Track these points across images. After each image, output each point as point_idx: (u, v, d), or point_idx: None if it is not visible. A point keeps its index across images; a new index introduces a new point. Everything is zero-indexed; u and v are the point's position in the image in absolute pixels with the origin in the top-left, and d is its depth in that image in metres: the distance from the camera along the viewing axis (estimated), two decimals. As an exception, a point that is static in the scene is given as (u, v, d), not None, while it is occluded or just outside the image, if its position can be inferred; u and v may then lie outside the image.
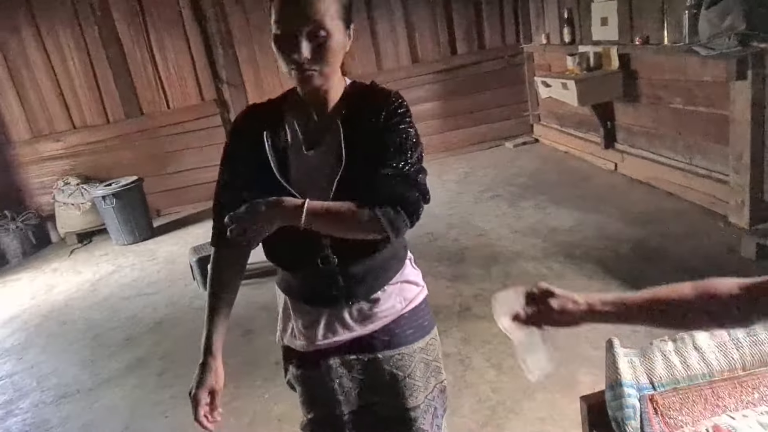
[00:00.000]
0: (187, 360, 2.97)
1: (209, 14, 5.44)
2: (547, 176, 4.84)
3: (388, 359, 1.29)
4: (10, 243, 5.18)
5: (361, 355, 1.28)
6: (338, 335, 1.26)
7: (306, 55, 1.09)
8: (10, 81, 5.31)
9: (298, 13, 1.09)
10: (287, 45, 1.10)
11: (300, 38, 1.09)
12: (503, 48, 5.83)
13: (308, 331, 1.26)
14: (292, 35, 1.09)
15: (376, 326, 1.28)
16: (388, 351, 1.29)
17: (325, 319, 1.25)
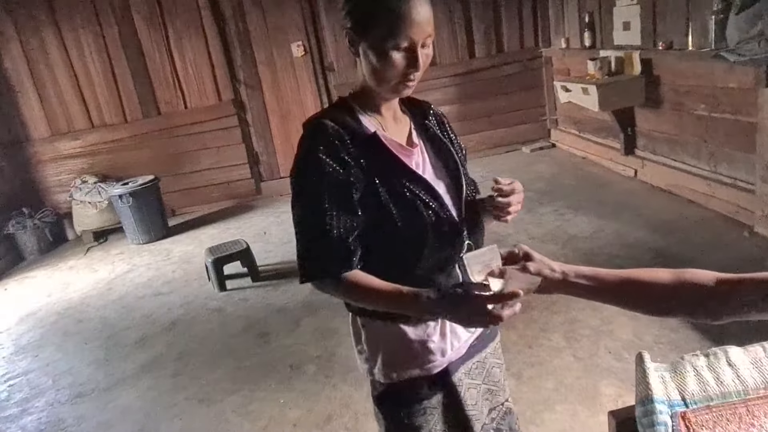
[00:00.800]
0: (202, 362, 2.97)
1: (228, 15, 5.46)
2: (565, 182, 4.78)
3: (493, 351, 1.32)
4: (27, 240, 5.21)
5: (477, 356, 1.26)
6: (462, 339, 1.22)
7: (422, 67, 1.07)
8: (30, 79, 5.36)
9: (423, 25, 1.04)
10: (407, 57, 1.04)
11: (418, 50, 1.05)
12: (521, 52, 5.78)
13: (436, 345, 1.18)
14: (413, 46, 1.04)
15: None
16: (492, 342, 1.32)
17: (448, 326, 1.19)
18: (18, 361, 3.34)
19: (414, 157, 1.16)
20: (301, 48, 5.58)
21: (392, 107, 1.18)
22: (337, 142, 1.06)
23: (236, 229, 5.06)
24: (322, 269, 1.08)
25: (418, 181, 1.11)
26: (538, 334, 2.68)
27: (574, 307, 2.84)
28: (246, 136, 5.76)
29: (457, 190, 1.18)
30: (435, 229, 1.10)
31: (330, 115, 1.12)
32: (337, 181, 1.06)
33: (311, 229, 1.08)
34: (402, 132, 1.19)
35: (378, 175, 1.09)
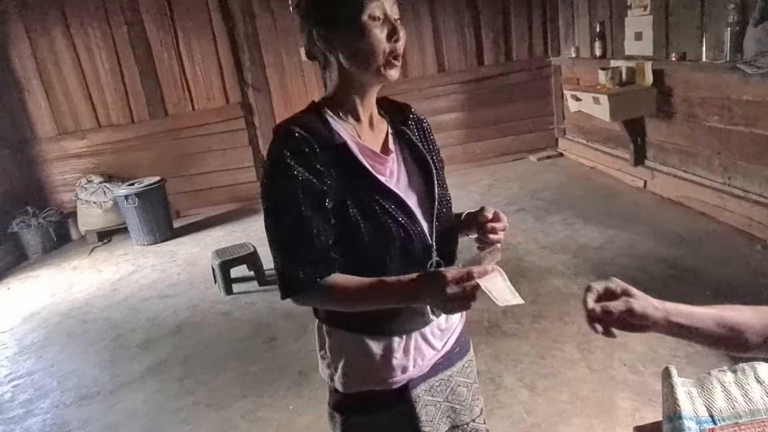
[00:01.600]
0: (209, 366, 2.94)
1: (237, 16, 5.45)
2: (574, 191, 4.76)
3: (461, 370, 1.27)
4: (31, 239, 5.18)
5: (441, 374, 1.22)
6: (426, 358, 1.18)
7: (403, 37, 1.06)
8: (38, 78, 5.35)
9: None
10: (386, 27, 1.04)
11: (398, 25, 1.05)
12: (530, 60, 5.77)
13: (398, 362, 1.14)
14: (387, 17, 1.04)
15: (452, 339, 1.24)
16: (460, 361, 1.27)
17: (413, 343, 1.15)
18: (22, 361, 3.30)
19: (388, 164, 1.12)
20: (310, 52, 5.56)
21: (369, 110, 1.13)
22: (305, 150, 1.03)
23: (241, 232, 5.04)
24: (309, 279, 1.03)
25: (388, 196, 1.07)
26: (550, 344, 2.65)
27: (586, 318, 2.80)
28: (253, 138, 5.74)
29: (430, 202, 1.15)
30: (403, 244, 1.07)
31: (299, 121, 1.07)
32: (310, 188, 1.02)
33: (292, 238, 1.03)
34: (378, 138, 1.15)
35: (347, 187, 1.05)
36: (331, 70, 1.10)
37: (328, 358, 1.19)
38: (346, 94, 1.10)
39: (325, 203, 1.03)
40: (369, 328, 1.12)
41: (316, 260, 1.03)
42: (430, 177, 1.16)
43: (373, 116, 1.16)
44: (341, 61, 1.06)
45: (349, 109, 1.11)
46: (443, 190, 1.19)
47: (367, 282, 1.03)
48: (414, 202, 1.12)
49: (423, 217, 1.12)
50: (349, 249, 1.06)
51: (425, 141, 1.23)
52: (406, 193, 1.12)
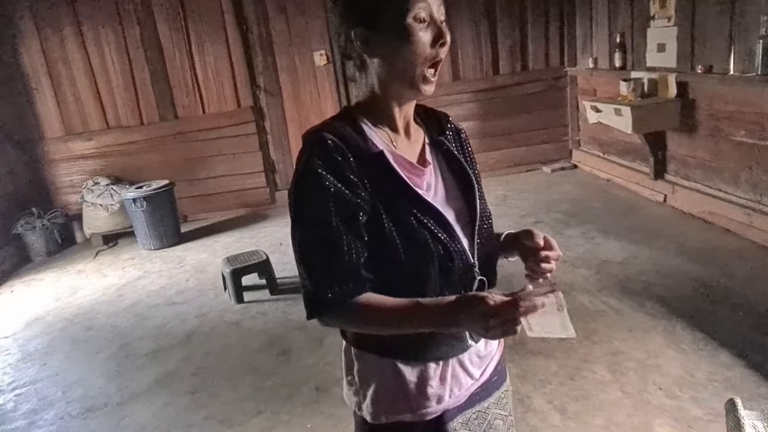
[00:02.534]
0: (221, 379, 2.83)
1: (251, 20, 5.38)
2: (591, 204, 4.66)
3: (497, 401, 1.17)
4: (36, 241, 5.08)
5: (478, 405, 1.12)
6: (463, 387, 1.08)
7: (448, 40, 0.98)
8: (47, 77, 5.27)
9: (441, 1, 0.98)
10: (431, 29, 0.96)
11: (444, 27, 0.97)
12: (547, 70, 5.70)
13: (434, 391, 1.05)
14: (433, 18, 0.97)
15: (491, 367, 1.14)
16: (496, 392, 1.17)
17: (450, 371, 1.06)
18: (25, 368, 3.19)
19: (425, 177, 1.04)
20: (323, 57, 5.49)
21: (406, 118, 1.06)
22: (339, 158, 0.95)
23: (250, 239, 4.93)
24: (337, 299, 0.94)
25: (426, 210, 1.00)
26: (579, 365, 2.54)
27: (615, 337, 2.70)
28: (263, 144, 5.65)
29: (470, 217, 1.06)
30: (443, 262, 0.98)
31: (331, 127, 0.99)
32: (342, 201, 0.94)
33: (321, 253, 0.95)
34: (414, 148, 1.07)
35: (383, 200, 0.97)
36: (367, 73, 1.02)
37: (356, 384, 1.09)
38: (381, 101, 1.02)
39: (358, 217, 0.95)
40: (402, 352, 1.03)
41: (347, 278, 0.94)
42: (470, 190, 1.08)
43: (410, 125, 1.08)
44: (378, 67, 0.99)
45: (385, 117, 1.04)
46: (484, 205, 1.10)
47: (402, 303, 0.94)
48: (453, 217, 1.04)
49: (463, 234, 1.04)
50: (384, 267, 0.98)
51: (463, 152, 1.15)
52: (445, 208, 1.04)
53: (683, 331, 2.68)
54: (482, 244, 1.06)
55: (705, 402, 2.19)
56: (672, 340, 2.62)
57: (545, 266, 1.04)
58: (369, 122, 1.03)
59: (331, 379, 2.66)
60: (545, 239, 1.06)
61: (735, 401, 1.40)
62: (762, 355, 2.41)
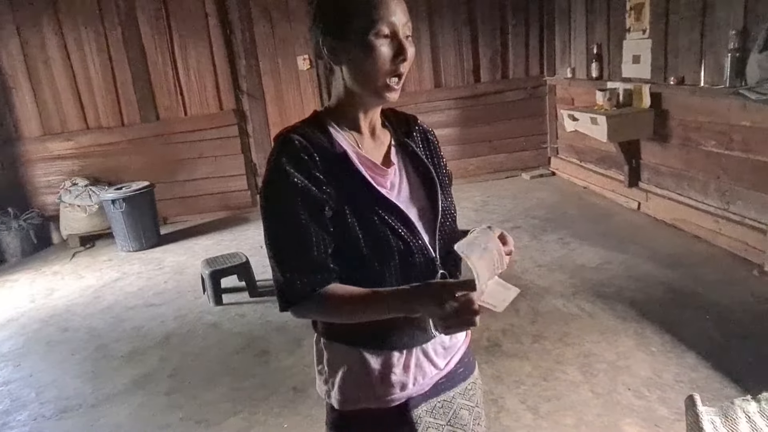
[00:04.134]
0: (198, 380, 2.83)
1: (235, 23, 5.39)
2: (568, 210, 4.76)
3: (463, 392, 1.21)
4: (11, 242, 5.01)
5: (443, 394, 1.16)
6: (427, 376, 1.12)
7: (410, 56, 1.03)
8: (26, 76, 5.21)
9: (400, 12, 1.01)
10: (393, 45, 1.01)
11: (401, 37, 1.02)
12: (526, 79, 5.81)
13: (397, 378, 1.09)
14: (396, 33, 1.01)
15: (456, 358, 1.19)
16: (463, 383, 1.21)
17: (414, 360, 1.10)
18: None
19: (389, 177, 1.10)
20: (307, 61, 5.53)
21: (372, 121, 1.11)
22: (304, 157, 1.01)
23: (231, 242, 4.93)
24: (306, 289, 1.00)
25: (388, 207, 1.05)
26: (552, 366, 2.60)
27: (588, 340, 2.77)
28: (245, 147, 5.66)
29: (433, 214, 1.12)
30: (403, 256, 1.04)
31: (299, 129, 1.06)
32: (309, 196, 1.00)
33: (290, 246, 1.01)
34: (379, 149, 1.13)
35: (346, 197, 1.03)
36: (335, 79, 1.08)
37: (325, 373, 1.15)
38: (347, 105, 1.08)
39: (323, 211, 1.01)
40: (368, 341, 1.08)
41: (314, 269, 1.01)
42: (433, 190, 1.14)
43: (376, 128, 1.14)
44: (344, 74, 1.05)
45: (351, 120, 1.10)
46: (447, 204, 1.15)
47: (364, 291, 1.01)
48: (415, 215, 1.09)
49: (425, 230, 1.09)
50: (348, 260, 1.04)
51: (430, 153, 1.20)
52: (407, 206, 1.09)
53: (652, 334, 2.75)
54: (444, 240, 1.11)
55: (672, 402, 2.26)
56: (641, 343, 2.70)
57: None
58: (336, 125, 1.09)
59: (308, 380, 2.68)
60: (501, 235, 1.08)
61: (694, 397, 1.46)
62: (726, 357, 2.49)
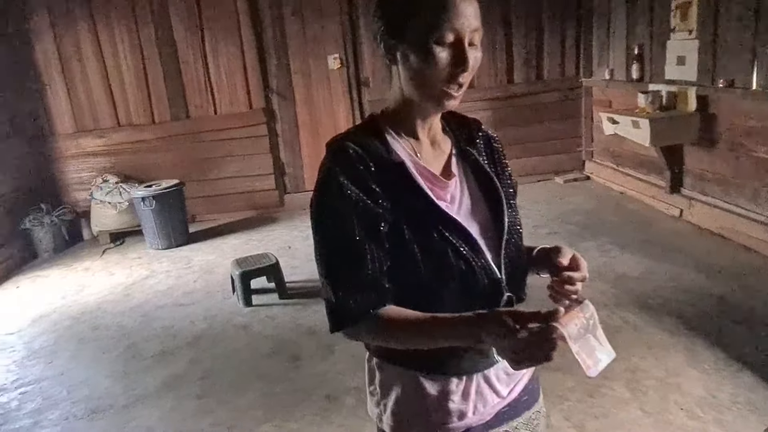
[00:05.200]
0: (229, 384, 2.77)
1: (266, 22, 5.36)
2: (605, 217, 4.60)
3: (527, 422, 1.12)
4: (43, 237, 5.04)
5: (505, 424, 1.07)
6: (488, 405, 1.04)
7: (471, 67, 0.92)
8: (60, 73, 5.25)
9: (470, 16, 0.91)
10: (454, 54, 0.91)
11: (465, 45, 0.91)
12: (561, 80, 5.65)
13: (455, 406, 1.01)
14: (460, 41, 0.91)
15: (520, 386, 1.09)
16: (527, 412, 1.11)
17: (474, 386, 1.01)
18: (30, 366, 3.14)
19: (449, 189, 1.01)
20: (337, 61, 5.46)
21: (432, 128, 1.03)
22: (360, 168, 0.94)
23: (259, 241, 4.89)
24: (360, 310, 0.92)
25: (448, 223, 0.96)
26: (598, 381, 2.47)
27: (634, 354, 2.64)
28: (274, 146, 5.62)
29: (497, 230, 1.02)
30: (465, 277, 0.95)
31: (354, 136, 0.98)
32: (364, 210, 0.92)
33: (342, 263, 0.93)
34: (439, 159, 1.04)
35: (404, 212, 0.95)
36: (393, 79, 1.00)
37: (377, 395, 1.07)
38: (405, 110, 1.00)
39: (379, 226, 0.93)
40: (424, 365, 1.00)
41: (368, 289, 0.93)
42: (497, 203, 1.04)
43: (436, 135, 1.05)
44: (401, 76, 0.96)
45: (409, 127, 1.01)
46: (513, 218, 1.06)
47: (423, 316, 0.92)
48: (477, 231, 1.00)
49: (488, 248, 1.00)
50: (404, 280, 0.95)
51: (494, 162, 1.11)
52: (469, 221, 1.00)
53: (704, 350, 2.61)
54: (510, 259, 1.02)
55: (729, 425, 2.13)
56: (692, 359, 2.56)
57: (568, 288, 0.99)
58: (393, 131, 1.01)
59: (342, 388, 2.60)
60: (573, 258, 1.02)
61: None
62: (787, 377, 2.34)
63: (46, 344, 3.40)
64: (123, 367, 3.05)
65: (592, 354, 0.86)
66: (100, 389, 2.84)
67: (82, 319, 3.70)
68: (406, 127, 1.01)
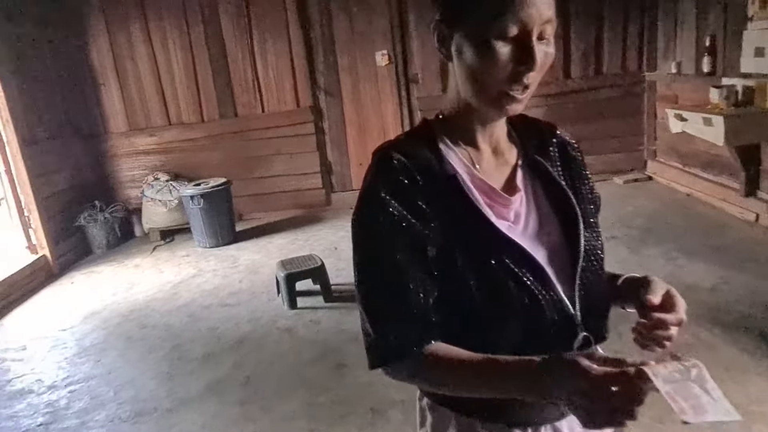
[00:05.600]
0: (272, 391, 2.70)
1: (314, 19, 5.29)
2: (671, 220, 4.29)
3: None
4: (97, 233, 5.16)
5: None
6: None
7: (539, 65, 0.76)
8: (114, 73, 5.36)
9: (540, 5, 0.75)
10: (518, 50, 0.75)
11: (533, 40, 0.75)
12: (623, 75, 5.34)
13: None
14: (526, 35, 0.75)
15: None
16: None
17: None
18: (80, 364, 3.17)
19: (513, 206, 0.86)
20: (385, 57, 5.34)
21: (494, 134, 0.88)
22: (405, 181, 0.81)
23: (304, 241, 4.84)
24: (402, 346, 0.80)
25: (509, 247, 0.81)
26: (669, 406, 2.25)
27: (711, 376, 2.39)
28: (321, 144, 5.56)
29: (571, 257, 0.86)
30: (529, 313, 0.80)
31: (402, 145, 0.86)
32: (408, 231, 0.80)
33: (383, 292, 0.81)
34: (502, 170, 0.89)
35: (456, 233, 0.81)
36: (450, 78, 0.86)
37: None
38: (462, 114, 0.86)
39: (425, 250, 0.81)
40: (482, 411, 0.86)
41: (413, 322, 0.80)
42: (572, 223, 0.88)
43: (499, 142, 0.89)
44: (457, 73, 0.82)
45: (467, 133, 0.87)
46: (593, 242, 0.89)
47: (477, 358, 0.77)
48: (545, 257, 0.84)
49: (558, 278, 0.84)
50: (455, 313, 0.81)
51: (570, 174, 0.95)
52: (535, 245, 0.85)
53: (791, 375, 2.34)
54: (586, 290, 0.85)
55: (825, 463, 1.87)
56: (778, 384, 2.29)
57: (659, 333, 0.82)
58: (448, 138, 0.87)
59: (388, 401, 2.48)
60: (666, 295, 0.84)
61: None
62: None
63: (96, 341, 3.44)
64: (168, 369, 3.03)
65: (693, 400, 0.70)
66: (145, 391, 2.82)
67: (131, 317, 3.73)
68: (463, 133, 0.87)
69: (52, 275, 4.63)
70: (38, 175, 4.62)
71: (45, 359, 3.28)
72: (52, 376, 3.06)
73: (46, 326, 3.71)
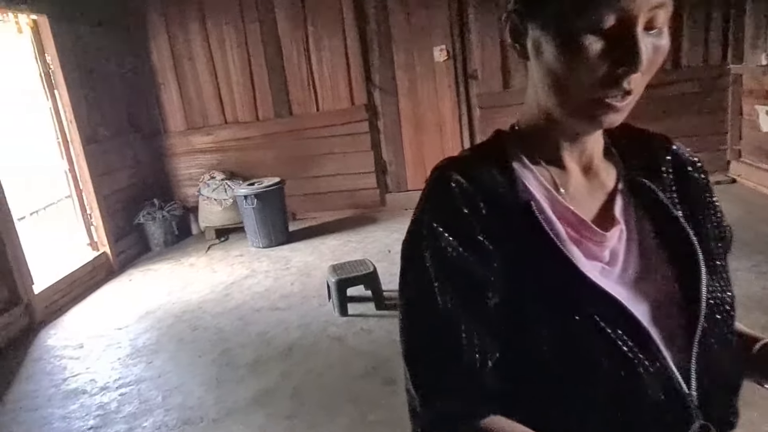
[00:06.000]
0: (319, 406, 2.57)
1: (370, 14, 5.15)
2: (760, 229, 3.87)
3: None
4: (155, 231, 5.24)
5: None
6: None
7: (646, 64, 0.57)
8: (173, 73, 5.42)
9: None
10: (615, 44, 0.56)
11: (637, 31, 0.56)
12: (704, 68, 4.89)
13: None
14: (630, 23, 0.56)
15: None
16: None
17: None
18: (132, 365, 3.17)
19: (608, 243, 0.67)
20: (444, 52, 5.13)
21: (586, 151, 0.70)
22: (464, 210, 0.65)
23: (357, 243, 4.71)
24: (448, 419, 0.64)
25: (600, 299, 0.62)
26: None
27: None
28: (376, 143, 5.42)
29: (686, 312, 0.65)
30: (624, 390, 0.61)
31: (466, 164, 0.68)
32: (464, 272, 0.64)
33: (429, 346, 0.66)
34: (596, 196, 0.70)
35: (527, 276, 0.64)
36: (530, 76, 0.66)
37: None
38: (543, 125, 0.67)
39: (485, 297, 0.64)
40: None
41: (463, 388, 0.64)
42: (690, 268, 0.66)
43: (593, 160, 0.70)
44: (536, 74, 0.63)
45: (548, 149, 0.68)
46: (719, 294, 0.67)
47: None
48: (648, 313, 0.64)
49: (667, 343, 0.63)
50: (520, 381, 0.63)
51: (690, 202, 0.73)
52: (636, 296, 0.64)
53: None
54: (708, 360, 0.64)
55: None
56: None
57: None
58: (525, 155, 0.68)
59: (442, 424, 2.29)
60: None
61: None
62: None
63: (148, 342, 3.44)
64: (217, 374, 2.97)
65: None
66: (192, 398, 2.77)
67: (184, 318, 3.72)
68: (544, 149, 0.69)
69: (111, 272, 4.73)
70: (100, 173, 4.73)
71: (100, 358, 3.30)
72: (105, 377, 3.07)
73: (103, 324, 3.76)
